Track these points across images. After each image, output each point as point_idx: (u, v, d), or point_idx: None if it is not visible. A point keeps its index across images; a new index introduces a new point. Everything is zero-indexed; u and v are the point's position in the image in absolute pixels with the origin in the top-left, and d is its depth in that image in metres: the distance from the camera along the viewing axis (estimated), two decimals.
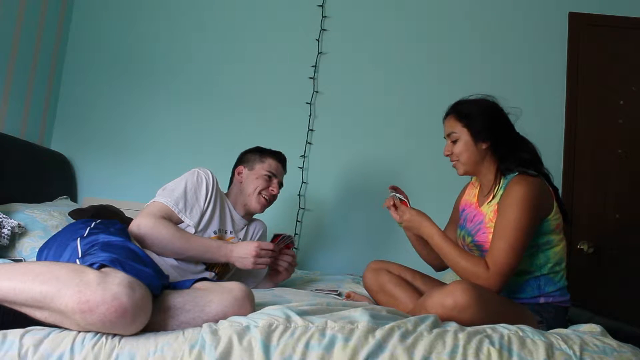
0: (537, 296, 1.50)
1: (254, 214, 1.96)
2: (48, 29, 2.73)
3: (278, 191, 1.96)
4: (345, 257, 2.74)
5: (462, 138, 1.60)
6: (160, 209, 1.68)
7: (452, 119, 1.64)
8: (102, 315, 0.97)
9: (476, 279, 1.40)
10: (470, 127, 1.59)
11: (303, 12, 2.90)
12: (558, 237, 1.53)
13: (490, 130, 1.59)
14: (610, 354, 1.07)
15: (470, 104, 1.65)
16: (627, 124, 2.76)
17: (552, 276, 1.52)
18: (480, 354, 1.03)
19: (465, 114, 1.61)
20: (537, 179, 1.52)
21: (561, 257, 1.54)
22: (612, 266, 2.67)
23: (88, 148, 2.83)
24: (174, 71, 2.89)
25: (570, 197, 2.70)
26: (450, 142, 1.64)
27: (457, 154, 1.61)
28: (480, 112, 1.61)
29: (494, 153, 1.60)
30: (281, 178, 1.99)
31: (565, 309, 1.53)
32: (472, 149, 1.60)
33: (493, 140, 1.59)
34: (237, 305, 1.15)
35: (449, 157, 1.67)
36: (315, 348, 1.02)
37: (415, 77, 2.85)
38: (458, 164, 1.64)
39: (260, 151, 2.00)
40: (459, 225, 1.73)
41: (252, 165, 1.96)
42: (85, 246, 1.30)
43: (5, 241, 1.87)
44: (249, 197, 1.91)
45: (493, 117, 1.62)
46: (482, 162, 1.61)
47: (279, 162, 1.99)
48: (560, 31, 2.83)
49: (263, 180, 1.92)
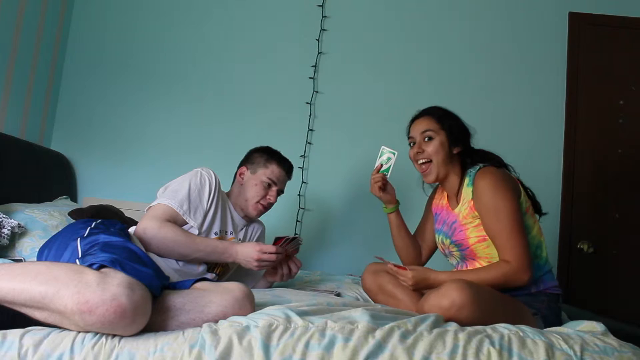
0: (528, 285, 1.52)
1: (251, 217, 1.97)
2: (48, 29, 2.73)
3: (275, 200, 1.93)
4: (345, 257, 2.74)
5: (437, 138, 1.67)
6: (165, 211, 1.68)
7: (429, 119, 1.71)
8: (102, 315, 0.97)
9: (512, 278, 1.46)
10: (448, 130, 1.68)
11: (303, 12, 2.90)
12: (532, 220, 1.59)
13: (463, 137, 1.70)
14: (611, 354, 1.06)
15: (443, 110, 1.74)
16: (627, 124, 2.75)
17: (537, 261, 1.56)
18: (480, 354, 1.03)
19: (443, 116, 1.71)
20: (497, 168, 1.61)
21: (539, 241, 1.59)
22: (612, 266, 2.66)
23: (88, 148, 2.83)
24: (174, 71, 2.89)
25: (570, 197, 2.70)
26: (421, 140, 1.69)
27: (431, 153, 1.67)
28: (455, 119, 1.72)
29: (459, 159, 1.69)
30: (282, 186, 1.95)
31: (557, 296, 1.56)
32: (446, 151, 1.67)
33: (464, 147, 1.69)
34: (237, 306, 1.15)
35: (415, 158, 1.71)
36: (315, 348, 1.02)
37: (415, 77, 2.85)
38: (430, 167, 1.68)
39: (268, 154, 1.95)
40: (436, 230, 1.78)
41: (256, 168, 1.92)
42: (86, 246, 1.30)
43: (5, 241, 1.87)
44: (246, 203, 1.90)
45: (464, 127, 1.73)
46: (451, 167, 1.69)
47: (282, 169, 1.94)
48: (560, 31, 2.83)
49: (262, 187, 1.88)
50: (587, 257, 2.66)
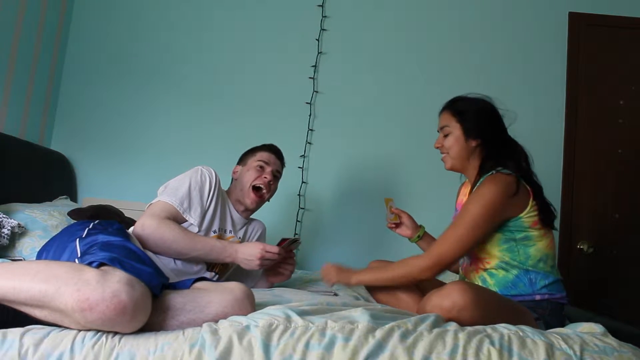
0: (532, 293, 1.51)
1: (250, 210, 1.94)
2: (48, 29, 2.73)
3: (271, 178, 1.92)
4: (345, 257, 2.73)
5: (454, 133, 1.66)
6: (164, 209, 1.67)
7: (447, 114, 1.70)
8: (102, 313, 0.97)
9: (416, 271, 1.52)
10: (463, 124, 1.65)
11: (303, 12, 2.90)
12: (538, 233, 1.54)
13: (482, 129, 1.65)
14: (611, 354, 1.06)
15: (467, 101, 1.70)
16: (627, 124, 2.76)
17: (542, 272, 1.53)
18: (480, 354, 1.03)
19: (460, 110, 1.67)
20: (510, 177, 1.53)
21: (545, 254, 1.54)
22: (612, 266, 2.67)
23: (88, 148, 2.83)
24: (174, 71, 2.89)
25: (570, 197, 2.70)
26: (442, 135, 1.70)
27: (447, 147, 1.68)
28: (475, 111, 1.67)
29: (481, 152, 1.66)
30: (275, 167, 1.96)
31: (561, 305, 1.54)
32: (462, 145, 1.65)
33: (482, 139, 1.65)
34: (237, 305, 1.15)
35: (439, 150, 1.73)
36: (315, 348, 1.02)
37: (415, 77, 2.85)
38: (447, 157, 1.70)
39: (252, 148, 2.02)
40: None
41: (245, 161, 1.97)
42: (85, 246, 1.29)
43: (5, 241, 1.87)
44: (242, 192, 1.90)
45: (486, 118, 1.67)
46: (469, 159, 1.67)
47: (270, 152, 1.97)
48: (560, 31, 2.83)
49: (255, 171, 1.91)
50: (587, 257, 2.66)
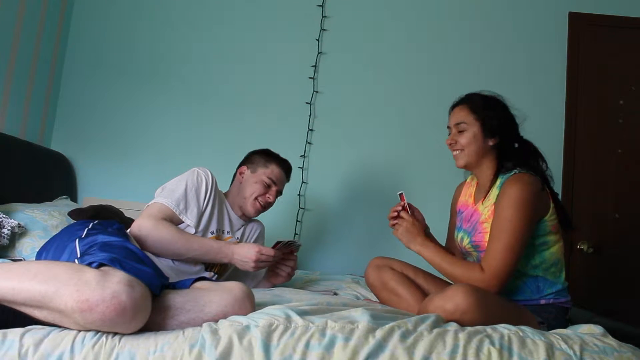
0: (537, 298, 1.50)
1: (249, 216, 1.96)
2: (48, 29, 2.73)
3: (274, 200, 1.94)
4: (345, 257, 2.74)
5: (471, 130, 1.60)
6: (161, 210, 1.68)
7: (465, 109, 1.63)
8: (102, 313, 0.97)
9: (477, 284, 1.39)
10: (482, 121, 1.59)
11: (303, 12, 2.90)
12: (554, 238, 1.53)
13: (500, 128, 1.60)
14: (611, 354, 1.06)
15: (484, 98, 1.65)
16: (627, 124, 2.76)
17: (550, 277, 1.51)
18: (480, 354, 1.03)
19: (480, 106, 1.61)
20: (533, 177, 1.51)
21: (557, 259, 1.53)
22: (612, 266, 2.67)
23: (88, 148, 2.83)
24: (174, 71, 2.89)
25: (570, 197, 2.70)
26: (456, 132, 1.63)
27: (463, 144, 1.61)
28: (494, 109, 1.62)
29: (496, 151, 1.61)
30: (281, 187, 1.97)
31: (565, 310, 1.53)
32: (479, 143, 1.59)
33: (501, 138, 1.60)
34: (237, 305, 1.15)
35: (450, 147, 1.66)
36: (315, 348, 1.01)
37: (414, 77, 2.85)
38: (461, 155, 1.62)
39: (267, 155, 1.98)
40: (457, 227, 1.72)
41: (256, 168, 1.94)
42: (84, 247, 1.29)
43: (5, 241, 1.87)
44: (244, 200, 1.90)
45: (504, 117, 1.63)
46: (484, 157, 1.61)
47: (282, 170, 1.96)
48: (560, 31, 2.83)
49: (261, 185, 1.90)
50: (587, 257, 2.66)
